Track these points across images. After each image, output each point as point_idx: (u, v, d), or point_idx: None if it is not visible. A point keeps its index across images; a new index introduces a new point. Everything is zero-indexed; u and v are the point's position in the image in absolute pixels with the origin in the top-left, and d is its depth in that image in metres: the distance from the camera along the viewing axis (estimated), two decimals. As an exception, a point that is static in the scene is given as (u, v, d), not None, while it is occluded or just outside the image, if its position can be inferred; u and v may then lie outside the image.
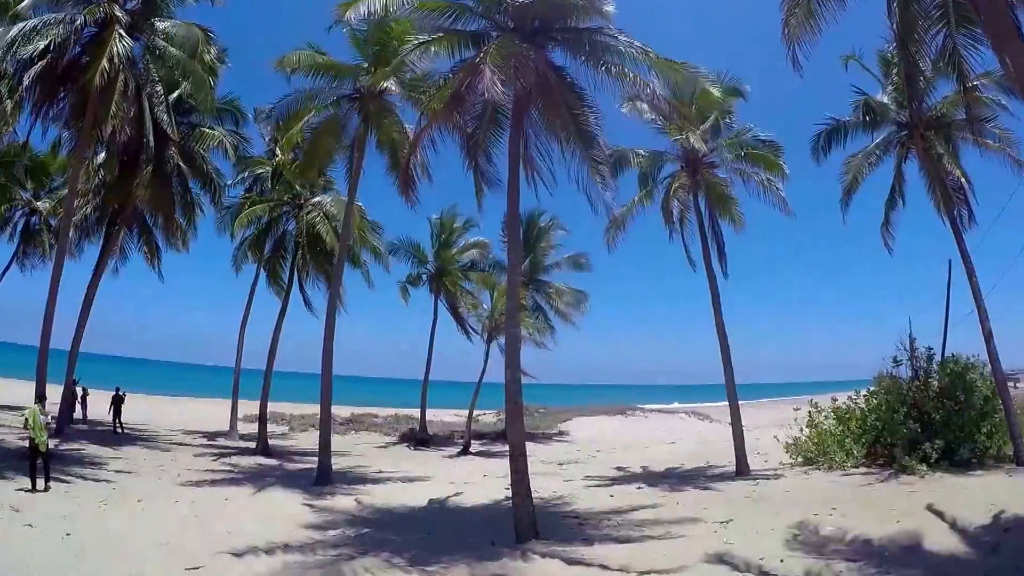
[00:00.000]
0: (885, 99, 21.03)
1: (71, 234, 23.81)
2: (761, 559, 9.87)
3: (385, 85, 19.28)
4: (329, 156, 21.87)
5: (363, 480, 20.01)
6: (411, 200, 15.27)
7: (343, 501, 16.42)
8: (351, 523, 13.92)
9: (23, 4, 19.37)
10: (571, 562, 10.37)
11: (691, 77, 14.17)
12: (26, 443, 15.72)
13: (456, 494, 17.88)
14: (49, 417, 16.47)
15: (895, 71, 19.94)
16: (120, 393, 28.08)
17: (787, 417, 22.12)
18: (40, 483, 14.85)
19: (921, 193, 21.49)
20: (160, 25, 20.82)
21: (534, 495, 12.84)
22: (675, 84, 14.73)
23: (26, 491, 14.45)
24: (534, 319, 31.37)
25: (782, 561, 9.75)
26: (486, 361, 30.43)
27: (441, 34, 14.18)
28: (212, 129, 25.78)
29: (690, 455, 25.56)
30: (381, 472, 21.63)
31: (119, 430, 27.17)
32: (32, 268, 33.30)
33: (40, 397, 17.09)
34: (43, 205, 32.62)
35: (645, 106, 18.39)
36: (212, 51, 22.69)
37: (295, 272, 29.02)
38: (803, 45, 12.80)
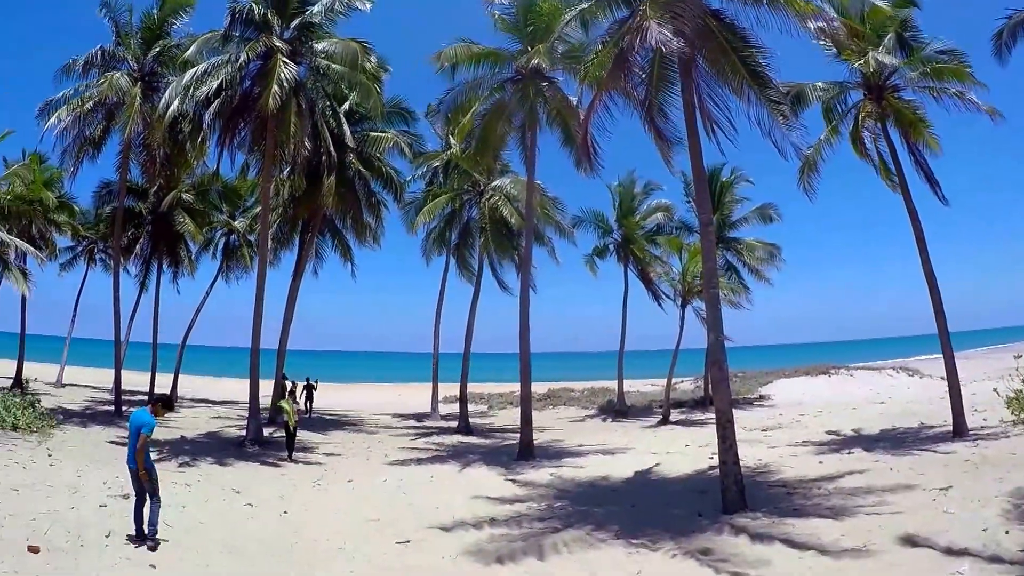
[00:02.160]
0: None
1: (269, 245, 25.79)
2: (984, 529, 8.84)
3: (545, 62, 19.38)
4: (501, 140, 22.16)
5: (564, 454, 20.10)
6: (594, 170, 15.42)
7: (545, 475, 16.54)
8: (555, 496, 14.00)
9: (189, 51, 21.31)
10: (781, 538, 9.73)
11: None
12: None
13: (658, 465, 17.50)
14: (297, 406, 21.12)
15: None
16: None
17: (1003, 367, 19.18)
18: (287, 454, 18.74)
19: None
20: (318, 46, 21.93)
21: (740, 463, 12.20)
22: (840, 5, 13.63)
23: (283, 460, 18.35)
24: (727, 279, 29.66)
25: (1007, 533, 8.62)
26: (681, 327, 29.43)
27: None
28: (385, 132, 27.03)
29: (901, 415, 23.39)
30: (581, 445, 21.60)
31: (309, 415, 29.85)
32: (236, 280, 36.93)
33: (288, 392, 22.74)
34: (239, 224, 35.87)
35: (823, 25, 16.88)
36: (372, 60, 23.61)
37: (483, 257, 29.73)
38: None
